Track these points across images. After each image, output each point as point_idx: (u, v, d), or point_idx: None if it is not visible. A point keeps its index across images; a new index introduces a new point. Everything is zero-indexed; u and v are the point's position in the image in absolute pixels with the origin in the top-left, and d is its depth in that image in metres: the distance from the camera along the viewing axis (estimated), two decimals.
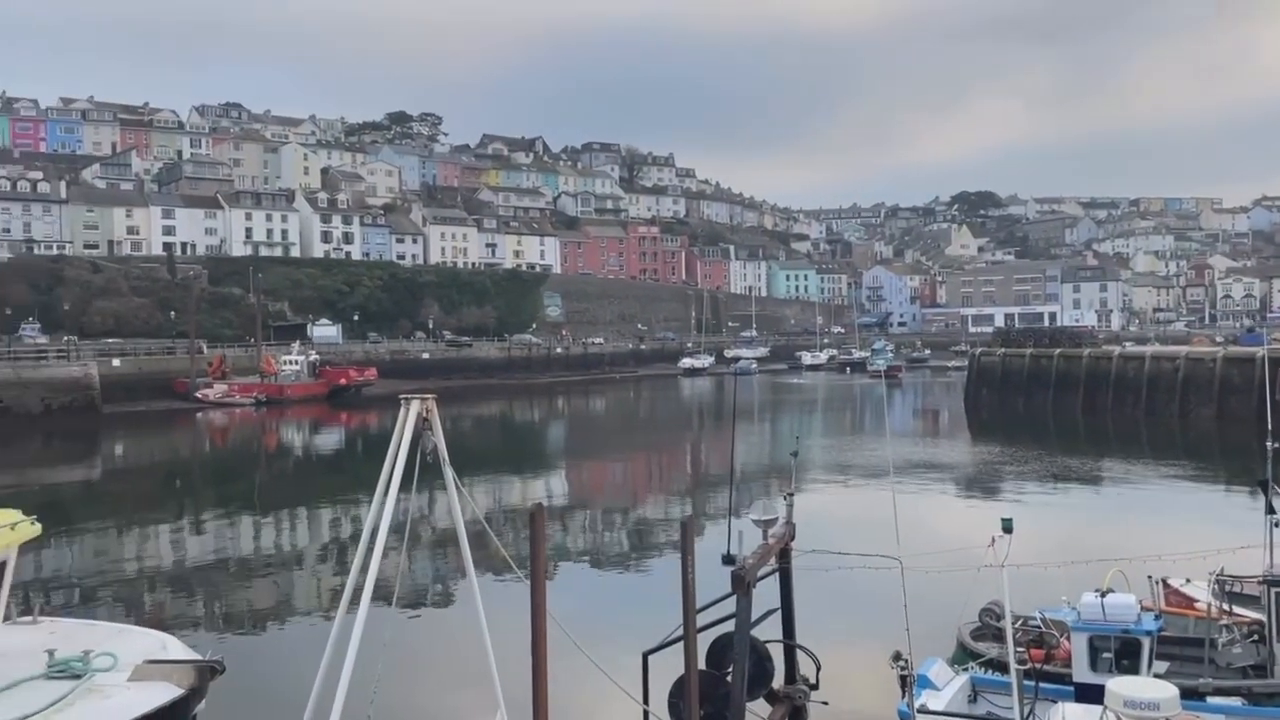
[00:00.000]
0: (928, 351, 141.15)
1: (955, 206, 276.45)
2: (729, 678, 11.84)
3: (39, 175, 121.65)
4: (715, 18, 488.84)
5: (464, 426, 65.12)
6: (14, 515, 13.05)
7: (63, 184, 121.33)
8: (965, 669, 14.28)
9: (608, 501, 39.72)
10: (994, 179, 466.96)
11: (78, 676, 10.98)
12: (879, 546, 13.01)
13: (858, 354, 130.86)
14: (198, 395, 79.10)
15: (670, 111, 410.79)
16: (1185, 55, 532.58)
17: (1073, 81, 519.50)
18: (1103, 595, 13.42)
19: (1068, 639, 13.78)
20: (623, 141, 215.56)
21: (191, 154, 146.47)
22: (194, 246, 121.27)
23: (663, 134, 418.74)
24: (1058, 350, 70.16)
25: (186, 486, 46.64)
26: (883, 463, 41.92)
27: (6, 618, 13.04)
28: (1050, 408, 65.50)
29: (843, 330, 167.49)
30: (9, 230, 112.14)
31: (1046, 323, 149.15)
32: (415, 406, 9.75)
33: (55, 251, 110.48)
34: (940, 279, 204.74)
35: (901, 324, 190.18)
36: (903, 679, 12.45)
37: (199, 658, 11.99)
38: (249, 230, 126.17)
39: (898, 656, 12.28)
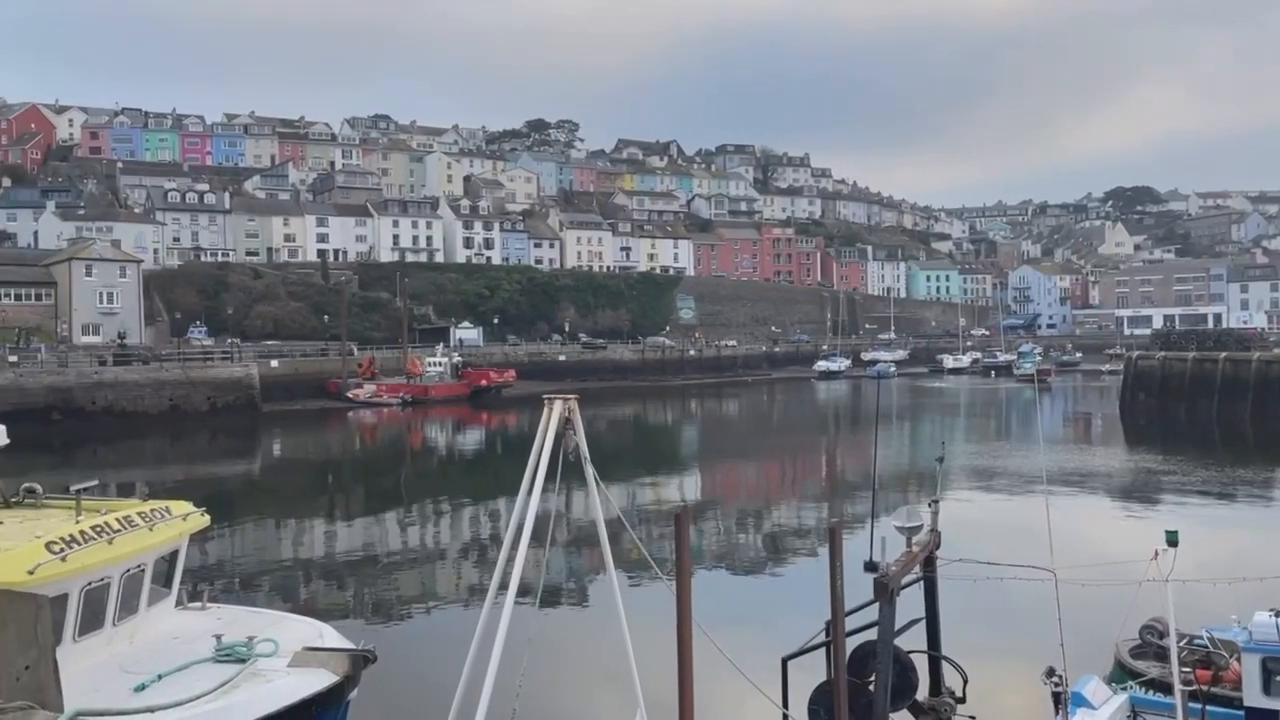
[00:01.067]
0: (1079, 355, 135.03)
1: (1109, 203, 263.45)
2: (871, 687, 11.58)
3: (205, 187, 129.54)
4: (853, 10, 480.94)
5: (599, 427, 65.94)
6: (186, 506, 13.93)
7: (226, 195, 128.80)
8: (1124, 688, 13.58)
9: (743, 504, 39.51)
10: (1152, 173, 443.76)
11: (242, 661, 11.60)
12: (1030, 557, 12.52)
13: (1003, 357, 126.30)
14: (349, 395, 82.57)
15: (806, 111, 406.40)
16: None
17: (1240, 68, 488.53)
18: (1278, 615, 12.57)
19: (1238, 660, 12.97)
20: (757, 143, 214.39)
21: (343, 164, 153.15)
22: (345, 253, 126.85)
23: (798, 134, 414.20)
24: (1223, 354, 65.96)
25: (338, 482, 48.80)
26: (1033, 470, 40.32)
27: (178, 603, 13.90)
28: (1215, 415, 61.66)
29: (987, 332, 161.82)
30: (179, 239, 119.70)
31: (1210, 324, 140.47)
32: (558, 407, 9.90)
33: (220, 259, 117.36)
34: (1093, 279, 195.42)
35: (1050, 326, 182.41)
36: (1056, 696, 11.92)
37: (353, 646, 12.50)
38: (396, 237, 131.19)
39: (1051, 672, 11.78)
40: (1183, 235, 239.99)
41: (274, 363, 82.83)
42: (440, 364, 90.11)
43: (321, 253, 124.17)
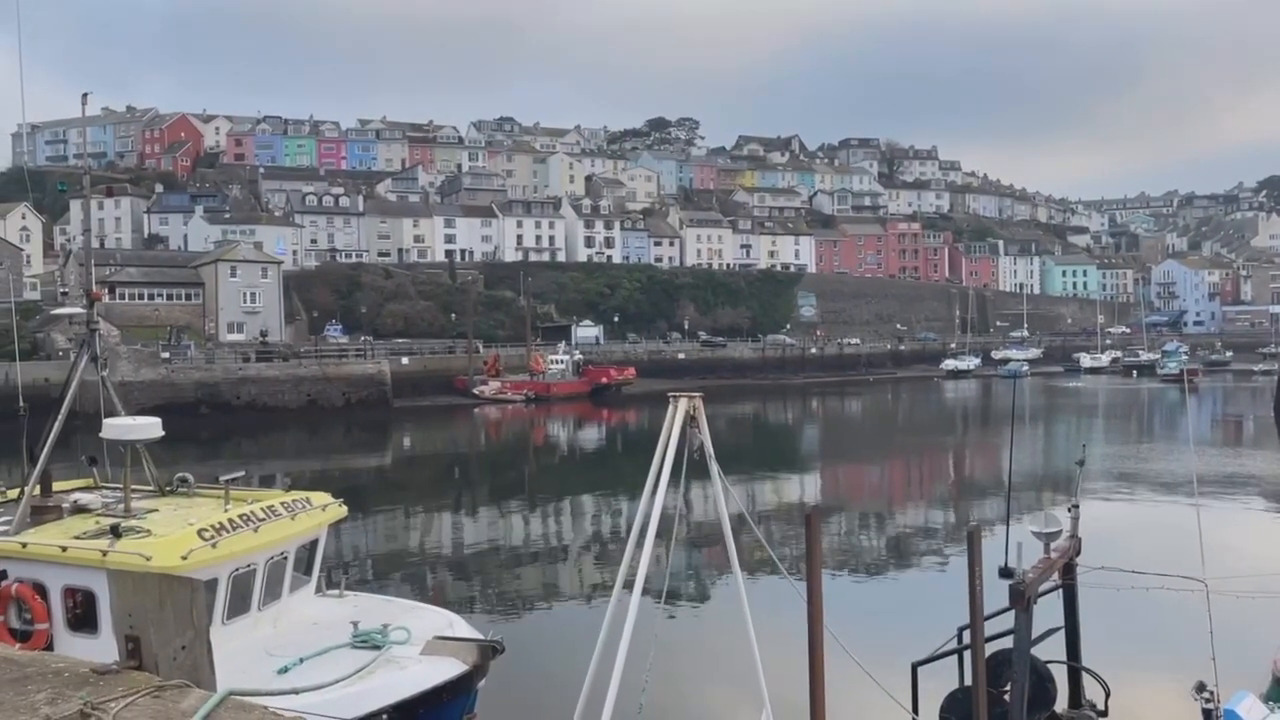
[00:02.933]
0: (1229, 354, 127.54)
1: (1263, 192, 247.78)
2: (1006, 697, 11.19)
3: (340, 190, 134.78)
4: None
5: (718, 425, 65.28)
6: (325, 498, 14.49)
7: (360, 198, 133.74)
8: None
9: (868, 505, 38.78)
10: None
11: (378, 647, 11.99)
12: (1178, 566, 11.90)
13: (1145, 356, 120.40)
14: (475, 392, 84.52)
15: (934, 102, 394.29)
16: None
17: None
18: None
19: None
20: (882, 136, 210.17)
21: (469, 167, 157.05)
22: (471, 253, 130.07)
23: (925, 126, 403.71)
24: None
25: (465, 476, 50.05)
26: (1180, 474, 38.30)
27: (317, 590, 14.46)
28: None
29: (1128, 330, 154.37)
30: (316, 241, 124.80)
31: None
32: (683, 404, 9.87)
33: (354, 259, 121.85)
34: (1245, 273, 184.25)
35: (1198, 323, 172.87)
36: (1207, 713, 11.30)
37: (482, 637, 12.77)
38: (520, 237, 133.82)
39: (1201, 687, 11.16)
40: None
41: (404, 360, 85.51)
42: (562, 362, 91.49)
43: (449, 253, 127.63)
